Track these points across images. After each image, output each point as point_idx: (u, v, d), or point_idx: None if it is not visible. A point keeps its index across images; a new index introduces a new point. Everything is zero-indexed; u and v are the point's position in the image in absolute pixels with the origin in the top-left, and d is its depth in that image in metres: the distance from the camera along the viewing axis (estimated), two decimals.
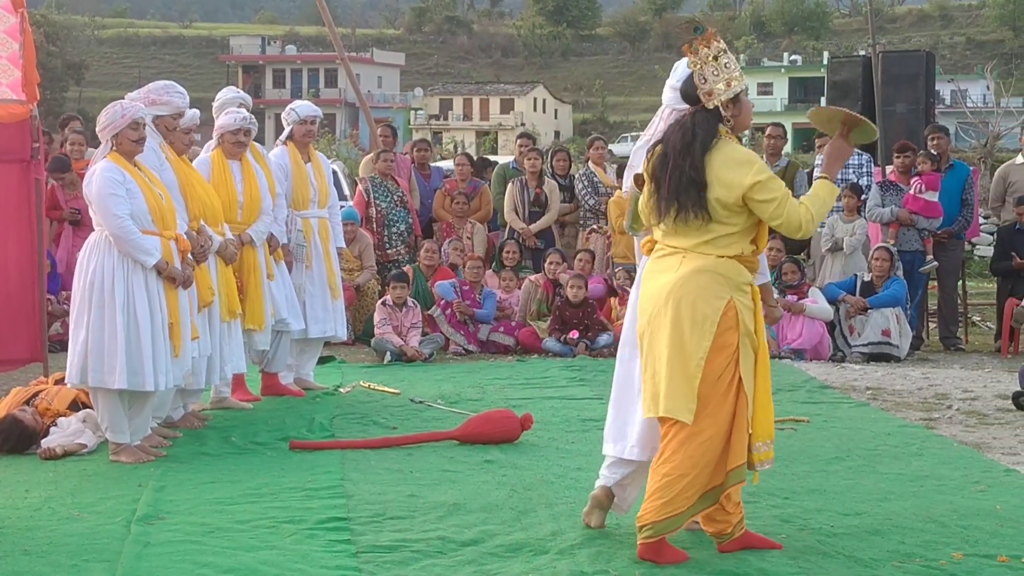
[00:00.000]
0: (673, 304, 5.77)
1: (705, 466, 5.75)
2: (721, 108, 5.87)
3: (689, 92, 5.95)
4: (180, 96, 8.56)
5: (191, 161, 9.05)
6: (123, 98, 8.21)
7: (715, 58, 5.87)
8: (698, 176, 5.76)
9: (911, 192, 13.07)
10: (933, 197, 13.05)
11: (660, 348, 5.81)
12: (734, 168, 5.76)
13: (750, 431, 5.83)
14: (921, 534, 6.23)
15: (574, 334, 12.79)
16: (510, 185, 14.55)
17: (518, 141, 15.89)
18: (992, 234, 18.94)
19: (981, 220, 18.29)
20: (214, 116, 9.74)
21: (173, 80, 9.07)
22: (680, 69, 6.31)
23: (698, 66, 5.88)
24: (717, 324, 5.74)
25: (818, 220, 5.85)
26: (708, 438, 5.74)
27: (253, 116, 9.77)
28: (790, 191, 5.88)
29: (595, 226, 14.35)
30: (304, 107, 10.55)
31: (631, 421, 6.24)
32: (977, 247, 21.31)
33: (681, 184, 5.78)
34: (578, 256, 13.79)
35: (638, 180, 6.33)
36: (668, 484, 5.74)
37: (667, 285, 5.81)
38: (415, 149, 15.94)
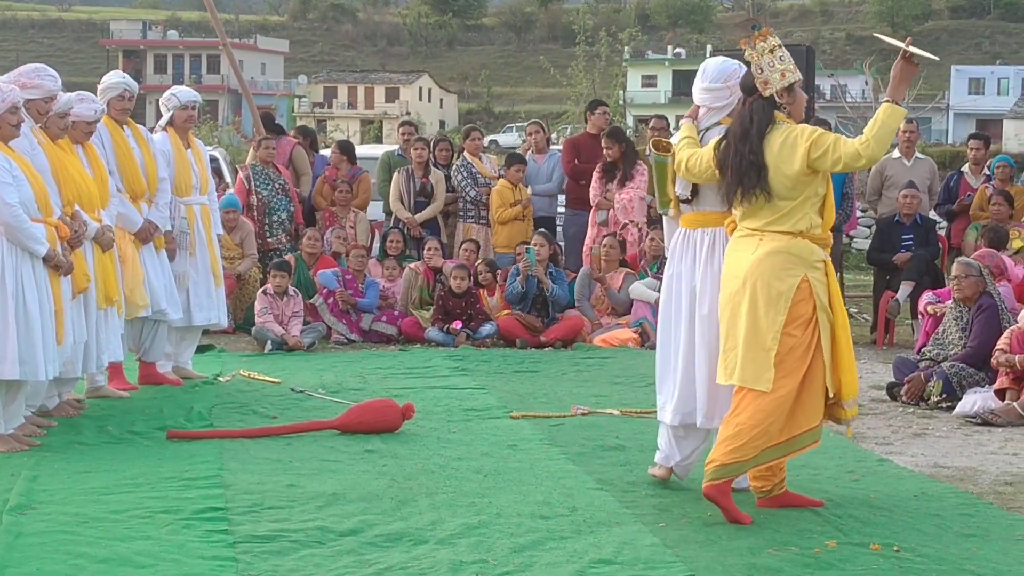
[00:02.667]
0: (750, 285, 6.35)
1: (775, 420, 6.32)
2: (776, 96, 6.42)
3: (747, 83, 6.52)
4: (52, 79, 8.38)
5: None
6: None
7: (771, 51, 6.43)
8: (757, 159, 6.35)
9: None
10: None
11: (739, 325, 6.39)
12: (791, 146, 6.32)
13: (837, 390, 6.43)
14: (796, 522, 6.32)
15: (457, 324, 12.78)
16: (396, 174, 14.48)
17: (401, 128, 15.81)
18: (869, 227, 19.24)
19: (859, 213, 18.55)
20: (97, 98, 9.60)
21: (52, 65, 8.89)
22: (709, 70, 6.85)
23: (755, 58, 6.42)
24: (791, 300, 6.29)
25: (878, 142, 6.29)
26: (779, 396, 6.30)
27: (131, 89, 9.74)
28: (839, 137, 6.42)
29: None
30: (185, 92, 10.45)
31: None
32: (855, 240, 21.63)
33: (742, 167, 6.37)
34: (463, 246, 13.78)
35: (658, 145, 6.92)
36: (739, 433, 6.31)
37: (744, 266, 6.37)
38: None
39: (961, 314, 10.18)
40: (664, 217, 7.19)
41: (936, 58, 6.79)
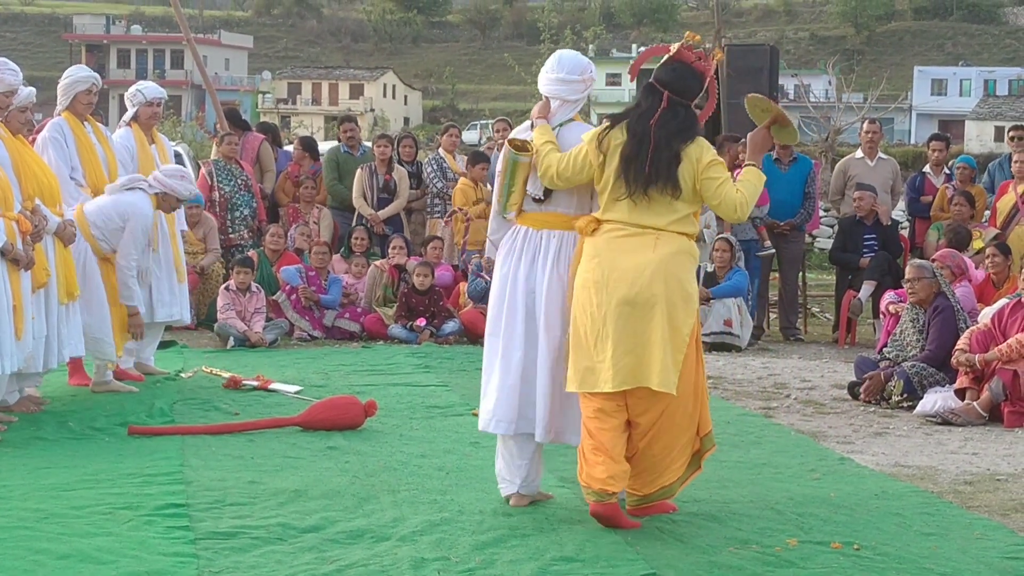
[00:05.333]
0: (663, 282, 6.11)
1: (689, 438, 6.28)
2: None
3: (674, 84, 6.34)
4: (12, 73, 8.34)
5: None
6: None
7: None
8: (679, 154, 6.19)
9: None
10: None
11: (648, 324, 6.07)
12: (701, 151, 6.24)
13: None
14: (758, 521, 6.33)
15: (421, 321, 12.77)
16: (359, 171, 14.47)
17: (342, 126, 15.61)
18: (832, 227, 19.31)
19: (822, 213, 18.63)
20: (59, 93, 9.57)
21: (14, 59, 8.83)
22: (566, 61, 6.56)
23: (710, 73, 6.40)
24: (697, 304, 6.24)
25: (751, 204, 6.30)
26: (691, 410, 6.23)
27: (99, 84, 9.71)
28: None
29: (458, 210, 14.17)
30: (151, 89, 10.42)
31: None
32: (817, 239, 21.73)
33: (662, 162, 6.17)
34: (432, 244, 13.75)
35: (513, 143, 6.46)
36: (655, 465, 6.25)
37: (650, 264, 6.13)
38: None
39: (917, 316, 10.22)
40: (495, 217, 6.68)
41: (796, 140, 7.06)
